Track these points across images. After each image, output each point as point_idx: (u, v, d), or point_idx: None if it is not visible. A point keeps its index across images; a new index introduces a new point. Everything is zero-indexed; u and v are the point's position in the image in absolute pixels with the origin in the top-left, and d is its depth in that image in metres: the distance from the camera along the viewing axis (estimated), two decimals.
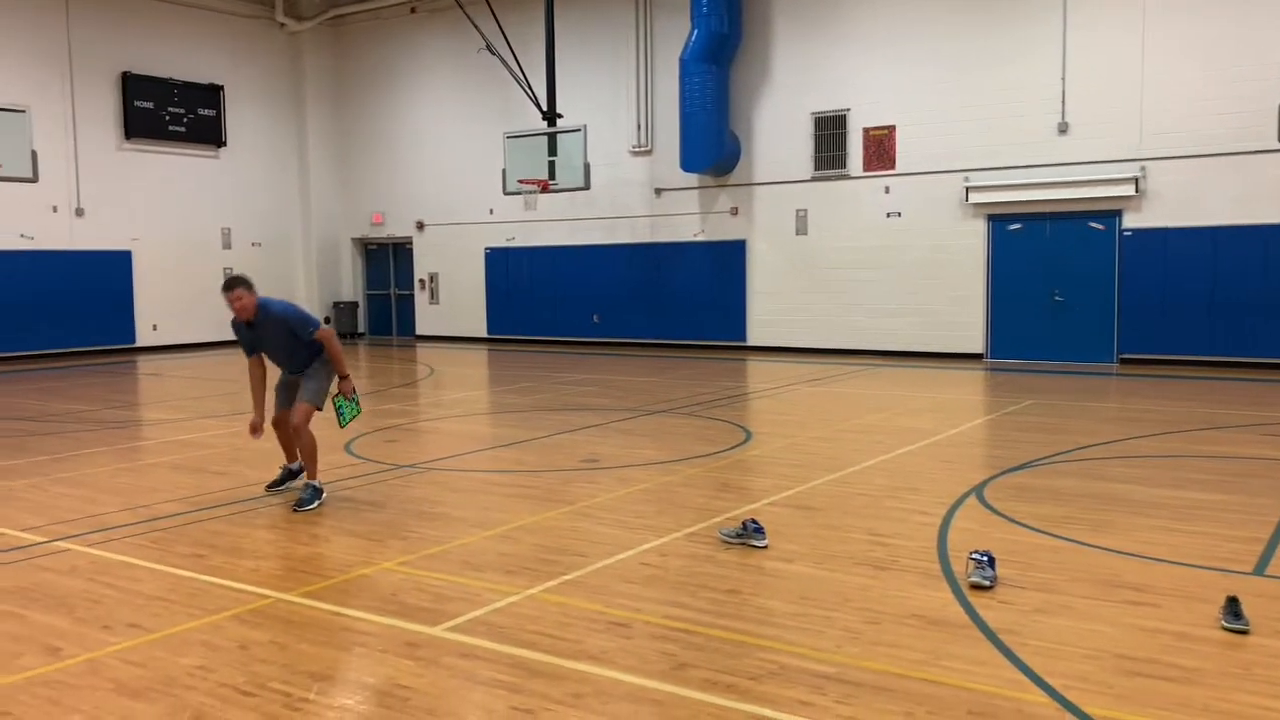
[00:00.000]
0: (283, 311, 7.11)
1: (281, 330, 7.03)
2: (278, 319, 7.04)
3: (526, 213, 20.03)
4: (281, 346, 7.13)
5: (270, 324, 7.03)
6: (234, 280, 7.01)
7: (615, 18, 19.97)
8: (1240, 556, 5.49)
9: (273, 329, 7.04)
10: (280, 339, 7.08)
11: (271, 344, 7.14)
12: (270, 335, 7.07)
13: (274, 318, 7.04)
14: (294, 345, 7.08)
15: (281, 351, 7.17)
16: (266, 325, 7.03)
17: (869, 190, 17.57)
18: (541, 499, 7.15)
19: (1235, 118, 14.32)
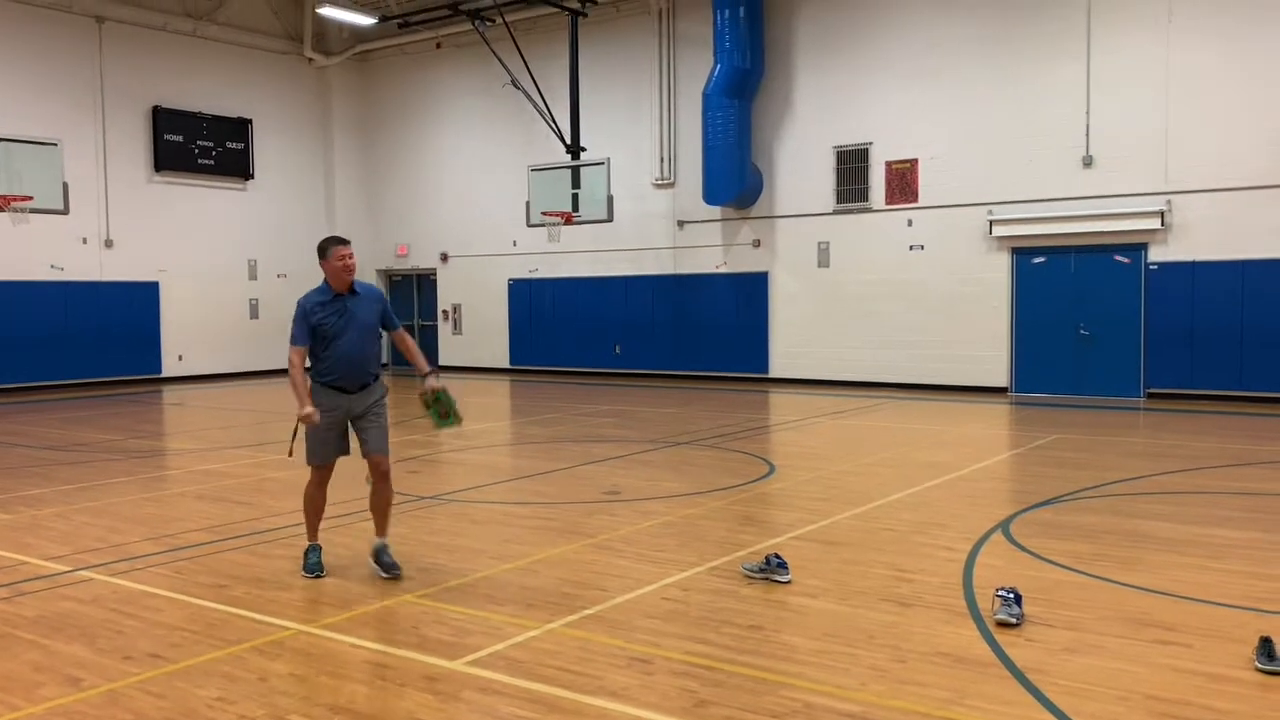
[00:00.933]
0: (377, 291, 6.22)
1: (374, 313, 6.03)
2: (376, 296, 6.13)
3: (550, 244, 20.15)
4: (365, 336, 5.96)
5: (368, 300, 6.02)
6: (341, 238, 6.08)
7: (638, 52, 20.14)
8: (1274, 596, 5.39)
9: (367, 308, 5.99)
10: (369, 324, 5.99)
11: (356, 329, 5.91)
12: (361, 317, 5.94)
13: (373, 294, 6.10)
14: (373, 339, 6.01)
15: (358, 345, 5.92)
16: (362, 303, 5.98)
17: (891, 223, 17.56)
18: (562, 531, 7.12)
19: (1264, 150, 14.24)
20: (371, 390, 6.01)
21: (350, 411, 5.95)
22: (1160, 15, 15.00)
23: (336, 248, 5.92)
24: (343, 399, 5.91)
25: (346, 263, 5.91)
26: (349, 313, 5.90)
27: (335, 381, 5.89)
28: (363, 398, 5.95)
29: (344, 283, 5.93)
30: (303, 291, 6.11)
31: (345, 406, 5.93)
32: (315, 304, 5.90)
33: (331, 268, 5.91)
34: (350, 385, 5.91)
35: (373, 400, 6.00)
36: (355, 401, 5.94)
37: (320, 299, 5.91)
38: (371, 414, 5.97)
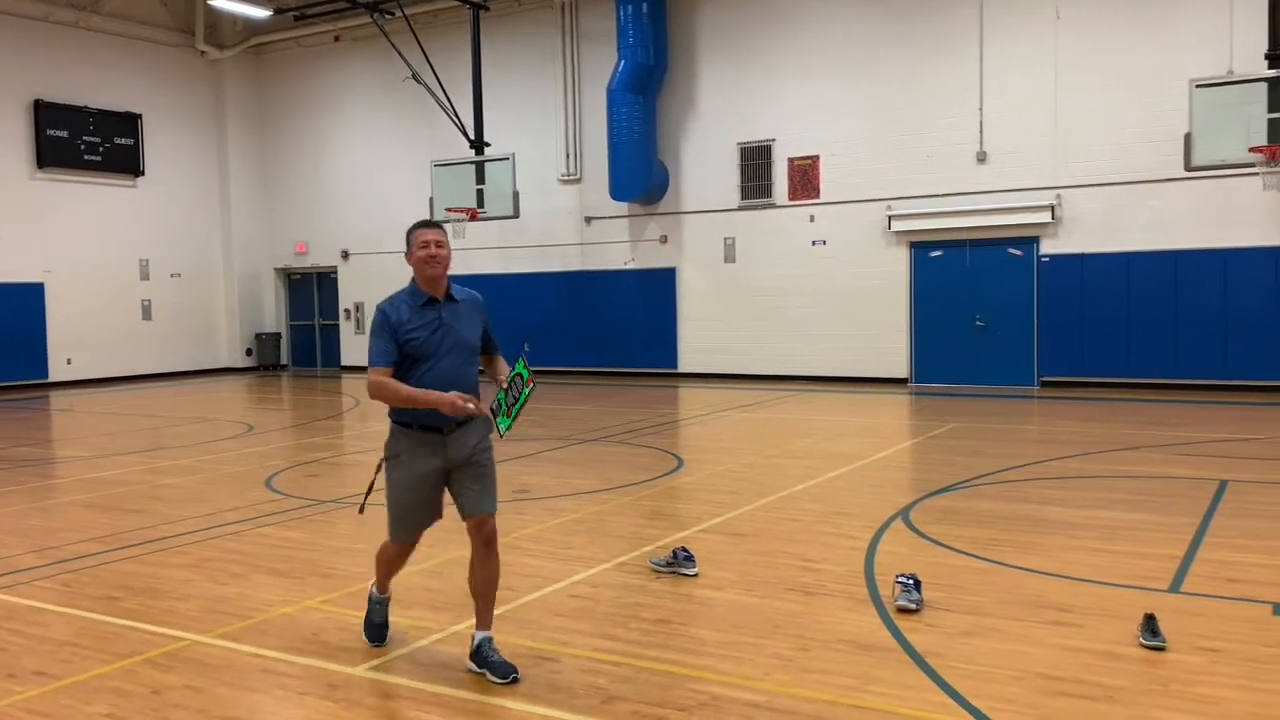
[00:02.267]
0: (478, 297, 4.64)
1: (476, 326, 4.53)
2: (477, 304, 4.58)
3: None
4: (466, 358, 4.47)
5: (469, 310, 4.51)
6: (430, 220, 4.61)
7: (542, 47, 20.03)
8: (1158, 574, 5.62)
9: (469, 320, 4.49)
10: (469, 343, 4.48)
11: (455, 350, 4.42)
12: (461, 332, 4.43)
13: (474, 302, 4.57)
14: (473, 362, 4.51)
15: (458, 370, 4.40)
16: (462, 313, 4.47)
17: (794, 219, 17.81)
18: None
19: (1146, 146, 14.82)
20: (471, 429, 4.41)
21: (449, 461, 4.38)
22: (1048, 14, 15.50)
23: (419, 232, 4.39)
24: (436, 444, 4.36)
25: (432, 252, 4.32)
26: (445, 326, 4.35)
27: (422, 422, 4.34)
28: (461, 440, 4.38)
29: (435, 284, 4.38)
30: (196, 292, 5.65)
31: (439, 458, 4.36)
32: (400, 311, 4.33)
33: (415, 261, 4.37)
34: (443, 424, 4.33)
35: (474, 442, 4.42)
36: (453, 446, 4.37)
37: (407, 303, 4.36)
38: (475, 462, 4.42)
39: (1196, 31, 14.42)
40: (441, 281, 4.41)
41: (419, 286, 4.41)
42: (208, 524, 7.44)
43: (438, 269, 4.38)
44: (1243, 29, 13.87)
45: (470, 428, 4.41)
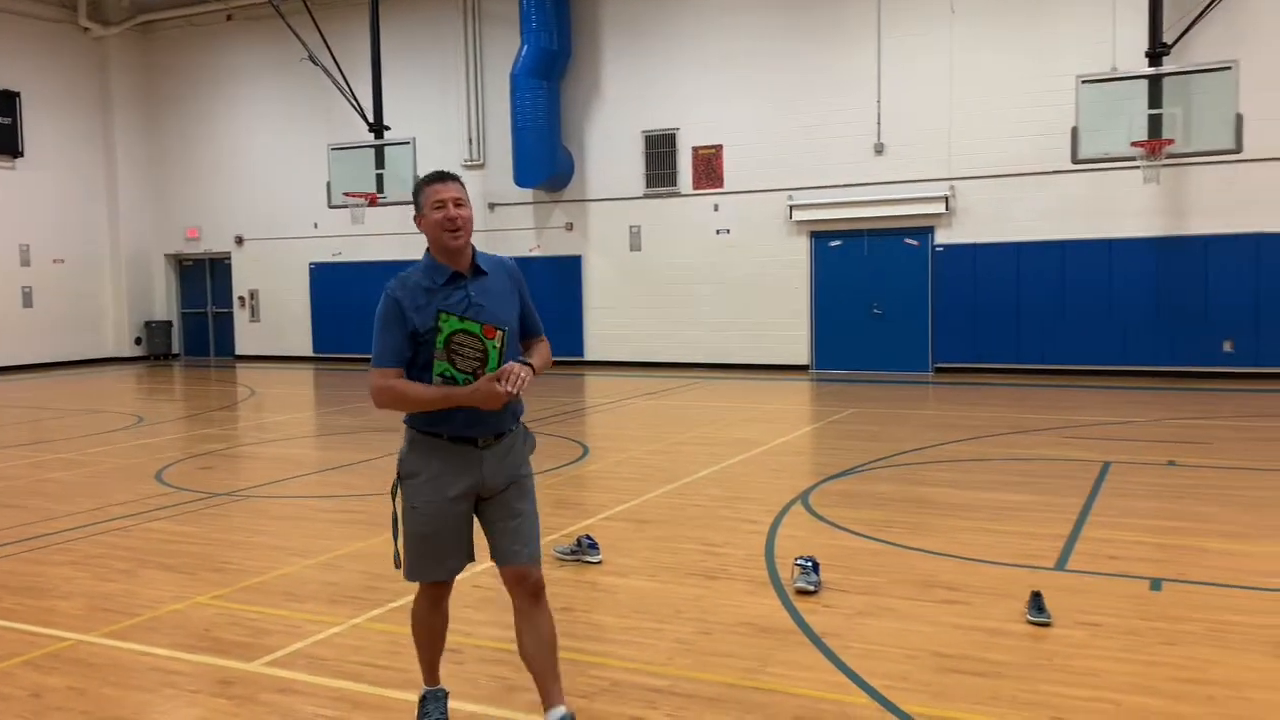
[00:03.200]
0: (511, 264, 3.65)
1: (511, 302, 3.54)
2: (511, 272, 3.60)
3: (354, 227, 19.47)
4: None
5: (501, 282, 3.53)
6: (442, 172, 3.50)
7: (443, 30, 19.72)
8: (1044, 553, 5.83)
9: (501, 295, 3.50)
10: (506, 320, 3.45)
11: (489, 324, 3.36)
12: (494, 311, 3.41)
13: (506, 270, 3.58)
14: (512, 350, 3.43)
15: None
16: (492, 287, 3.49)
17: (699, 208, 17.92)
18: (370, 524, 6.92)
19: (1036, 140, 15.31)
20: (510, 445, 3.50)
21: (482, 484, 3.44)
22: (943, 9, 15.88)
23: (430, 188, 3.41)
24: (469, 460, 3.41)
25: (450, 213, 3.36)
26: (475, 308, 3.38)
27: (454, 431, 3.39)
28: (499, 458, 3.45)
29: (457, 255, 3.42)
30: (81, 279, 5.13)
31: (472, 477, 3.42)
32: (414, 294, 3.38)
33: (428, 226, 3.41)
34: (480, 435, 3.41)
35: (515, 464, 3.51)
36: (489, 466, 3.43)
37: (423, 283, 3.41)
38: (515, 492, 3.50)
39: (1082, 30, 14.94)
40: (465, 251, 3.43)
41: (435, 259, 3.44)
42: (93, 519, 7.16)
43: (459, 238, 3.38)
44: (1125, 28, 14.42)
45: (509, 444, 3.49)
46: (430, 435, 3.45)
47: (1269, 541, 5.98)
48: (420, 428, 3.47)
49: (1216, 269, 14.62)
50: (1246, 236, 14.37)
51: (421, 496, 3.45)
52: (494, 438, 3.46)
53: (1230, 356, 14.59)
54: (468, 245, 3.48)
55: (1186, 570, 5.45)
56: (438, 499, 3.43)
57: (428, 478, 3.45)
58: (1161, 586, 5.15)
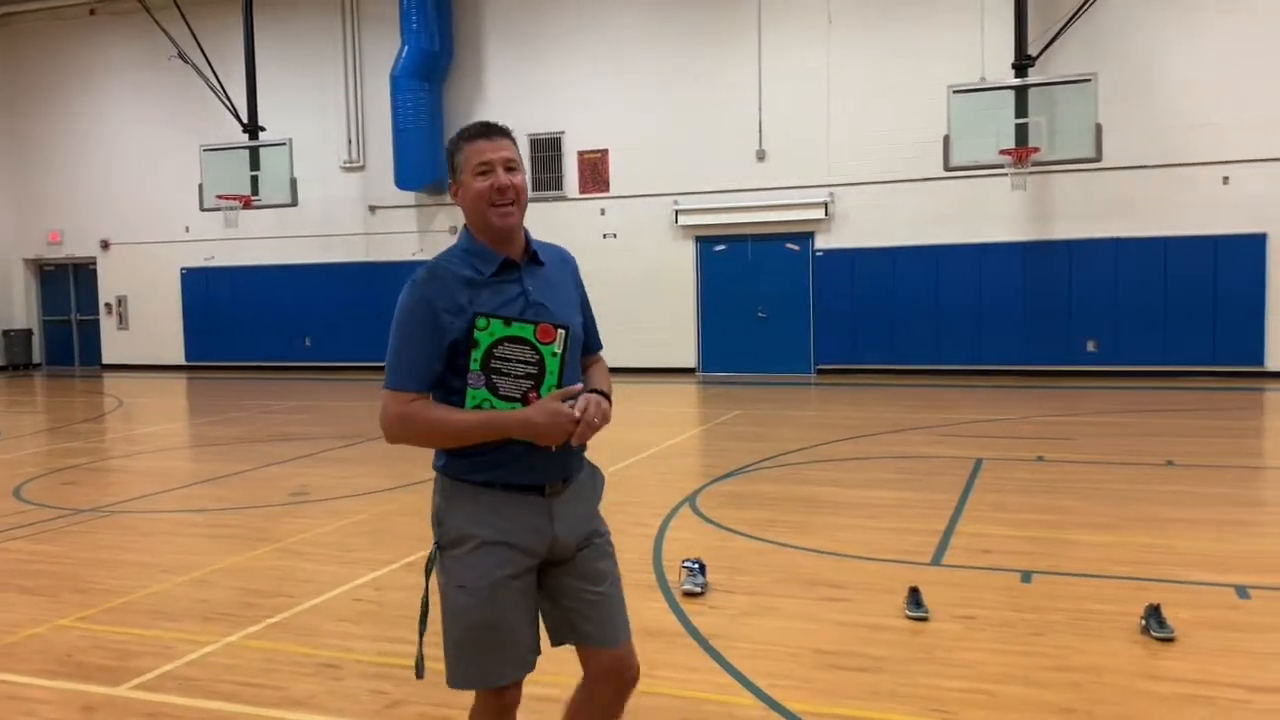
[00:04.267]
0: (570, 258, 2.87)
1: (572, 295, 2.78)
2: (573, 267, 2.85)
3: (227, 230, 18.84)
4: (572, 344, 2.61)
5: (560, 273, 2.76)
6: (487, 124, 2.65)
7: (321, 29, 19.26)
8: (921, 549, 5.99)
9: (561, 291, 2.72)
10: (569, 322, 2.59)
11: None
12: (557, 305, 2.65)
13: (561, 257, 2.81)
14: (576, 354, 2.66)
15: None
16: (550, 279, 2.70)
17: (585, 212, 17.92)
18: (244, 538, 6.69)
19: (910, 148, 15.78)
20: (581, 490, 2.70)
21: (553, 545, 2.59)
22: (821, 20, 16.25)
23: (472, 145, 2.58)
24: (533, 519, 2.56)
25: (500, 180, 2.54)
26: (531, 306, 2.58)
27: (512, 476, 2.53)
28: (569, 510, 2.62)
29: (507, 237, 2.59)
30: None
31: (541, 538, 2.56)
32: (452, 288, 2.51)
33: (470, 198, 2.57)
34: (547, 480, 2.58)
35: (588, 514, 2.71)
36: (563, 520, 2.60)
37: (463, 273, 2.55)
38: (593, 551, 2.68)
39: (953, 41, 15.48)
40: (518, 233, 2.60)
41: (477, 240, 2.59)
42: None
43: (512, 215, 2.54)
44: (993, 40, 15.00)
45: (583, 485, 2.69)
46: (478, 485, 2.52)
47: (1128, 532, 6.28)
48: (463, 474, 2.53)
49: (1080, 272, 15.33)
50: (1107, 241, 15.10)
51: (474, 572, 2.50)
52: (562, 482, 2.60)
53: (1093, 355, 15.31)
54: (521, 224, 2.60)
55: (1054, 562, 5.68)
56: (498, 573, 2.49)
57: (481, 543, 2.50)
58: (1031, 579, 5.35)
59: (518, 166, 2.61)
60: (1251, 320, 14.56)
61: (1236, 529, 6.41)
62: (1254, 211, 14.41)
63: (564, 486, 2.62)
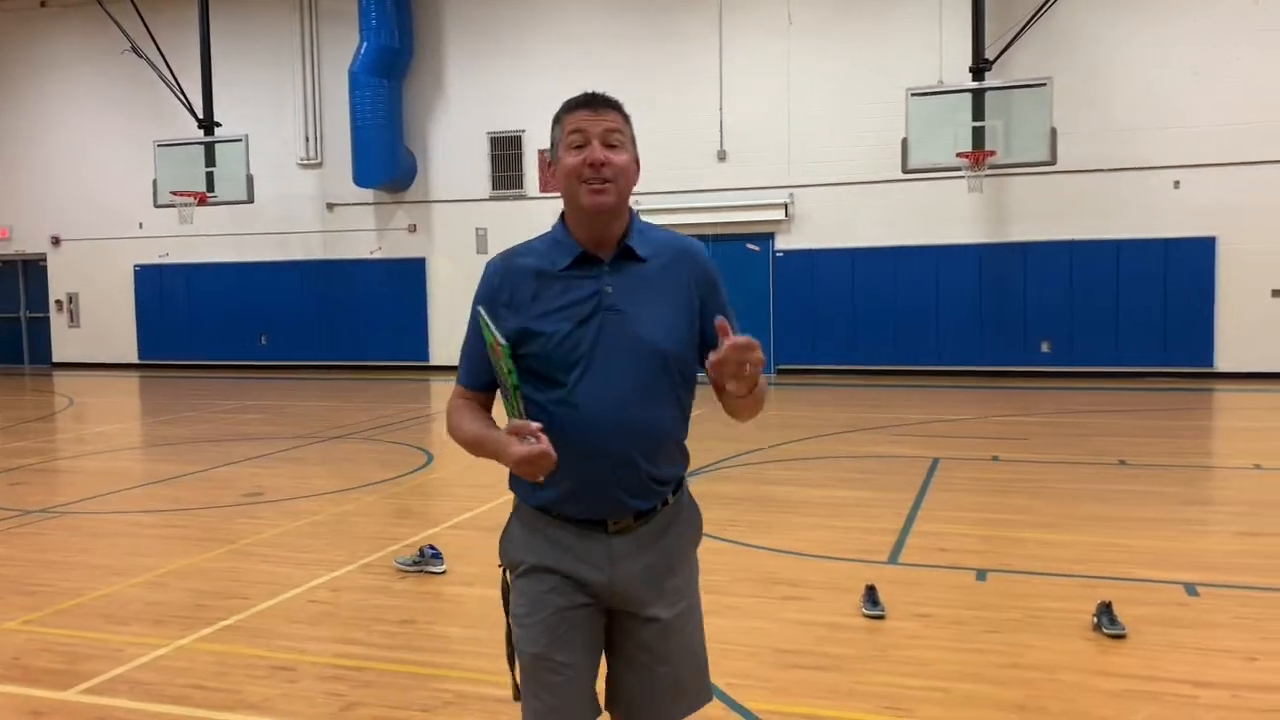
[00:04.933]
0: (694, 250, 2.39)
1: (679, 302, 2.29)
2: (694, 264, 2.35)
3: (182, 227, 18.57)
4: (648, 370, 2.22)
5: (668, 267, 2.30)
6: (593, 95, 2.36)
7: (279, 24, 19.03)
8: (879, 548, 6.04)
9: (663, 289, 2.27)
10: (653, 335, 2.22)
11: (626, 352, 2.20)
12: (643, 311, 2.22)
13: (690, 258, 2.35)
14: (665, 383, 2.26)
15: (631, 395, 2.20)
16: (649, 278, 2.26)
17: (547, 210, 17.84)
18: (198, 539, 6.59)
19: (869, 150, 15.88)
20: (658, 535, 2.30)
21: (611, 591, 2.27)
22: (781, 20, 16.33)
23: (570, 116, 2.30)
24: (588, 556, 2.25)
25: (594, 154, 2.21)
26: (608, 312, 2.22)
27: (564, 505, 2.24)
28: (639, 554, 2.26)
29: (597, 220, 2.25)
30: None
31: (595, 579, 2.25)
32: (518, 279, 2.26)
33: (562, 170, 2.26)
34: (609, 513, 2.24)
35: (668, 561, 2.32)
36: (625, 564, 2.25)
37: (537, 264, 2.28)
38: (667, 610, 2.30)
39: (912, 44, 15.62)
40: (609, 217, 2.24)
41: (566, 227, 2.30)
42: None
43: (606, 195, 2.20)
44: (951, 44, 15.15)
45: (666, 525, 2.30)
46: (535, 509, 2.27)
47: (1079, 531, 6.37)
48: (521, 495, 2.31)
49: (1035, 274, 15.53)
50: (1061, 243, 15.31)
51: (526, 601, 2.27)
52: (629, 519, 2.23)
53: (1047, 356, 15.51)
54: (621, 210, 2.24)
55: (1008, 560, 5.75)
56: (548, 604, 2.23)
57: (530, 568, 2.27)
58: (986, 577, 5.42)
59: (622, 144, 2.25)
60: (1201, 322, 14.84)
61: (1186, 527, 6.53)
62: (1204, 215, 14.67)
63: (635, 523, 2.24)
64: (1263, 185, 14.38)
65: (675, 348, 2.25)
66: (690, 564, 2.40)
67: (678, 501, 2.36)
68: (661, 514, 2.29)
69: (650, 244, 2.30)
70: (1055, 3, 14.31)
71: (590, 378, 2.17)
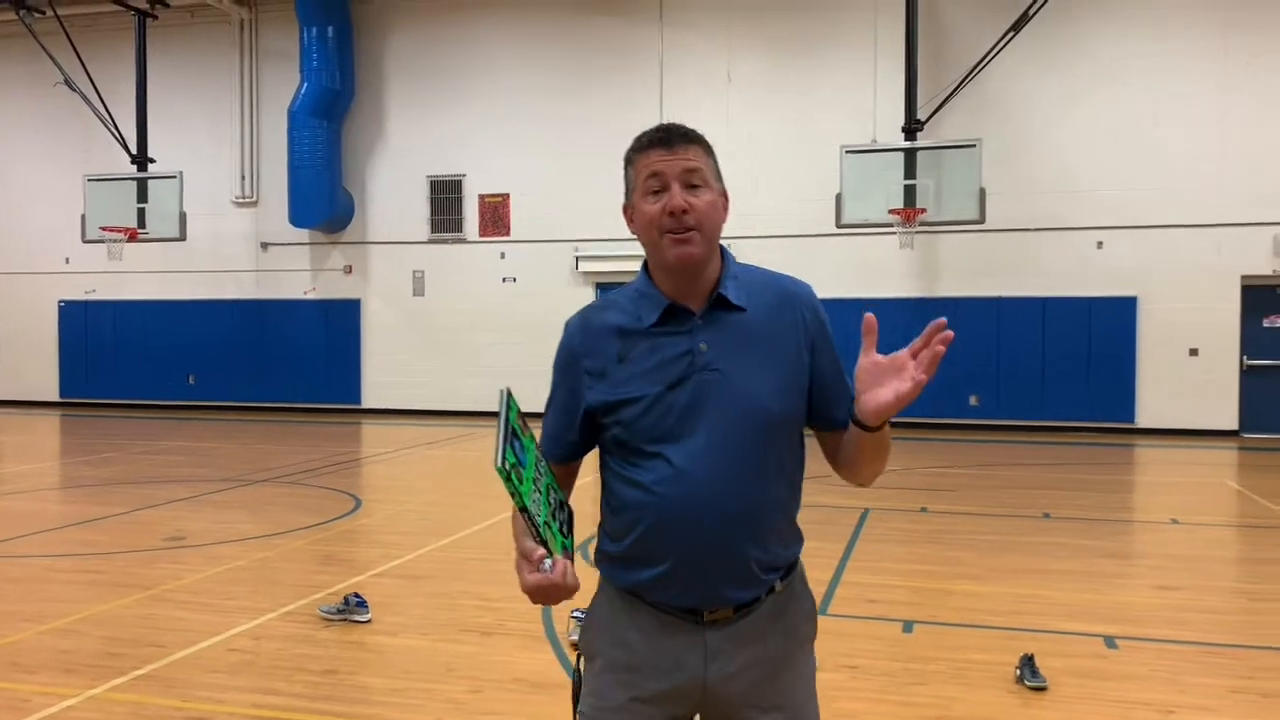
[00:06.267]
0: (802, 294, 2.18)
1: (785, 364, 2.04)
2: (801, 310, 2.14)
3: (111, 263, 18.20)
4: (750, 434, 1.96)
5: (769, 316, 2.06)
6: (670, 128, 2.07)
7: (217, 62, 18.88)
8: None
9: (767, 340, 2.03)
10: (759, 393, 1.97)
11: (729, 405, 1.94)
12: (743, 369, 1.97)
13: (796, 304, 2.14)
14: (771, 451, 2.01)
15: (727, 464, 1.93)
16: (750, 327, 2.02)
17: (485, 255, 17.85)
18: (114, 585, 6.39)
19: (806, 205, 16.18)
20: (764, 627, 1.99)
21: (704, 692, 1.97)
22: (721, 76, 16.64)
23: (644, 157, 2.05)
24: (677, 649, 1.97)
25: (674, 201, 1.96)
26: (704, 373, 1.96)
27: (649, 587, 1.99)
28: (739, 650, 1.97)
29: (681, 270, 2.01)
30: None
31: (684, 676, 1.97)
32: (600, 339, 2.07)
33: (641, 220, 2.04)
34: (704, 599, 1.96)
35: (777, 657, 2.01)
36: (722, 660, 1.96)
37: (619, 321, 2.06)
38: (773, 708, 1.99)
39: (847, 103, 16.01)
40: (703, 269, 2.02)
41: (651, 279, 2.07)
42: None
43: (691, 245, 1.97)
44: (885, 104, 15.56)
45: (774, 617, 2.00)
46: (621, 590, 2.03)
47: (1005, 583, 6.47)
48: (606, 571, 2.08)
49: (964, 329, 15.85)
50: (989, 300, 15.70)
51: (593, 697, 2.02)
52: (733, 609, 1.96)
53: (975, 409, 15.82)
54: (711, 257, 2.01)
55: (935, 612, 5.81)
56: (614, 705, 1.98)
57: (607, 668, 2.01)
58: (913, 628, 5.47)
59: (705, 183, 1.99)
60: (1123, 379, 15.27)
61: (1106, 580, 6.67)
62: (1125, 276, 15.17)
63: (735, 614, 1.95)
64: (1180, 248, 14.94)
65: (784, 409, 1.97)
66: (801, 664, 2.04)
67: (788, 589, 2.03)
68: (767, 603, 1.98)
69: (748, 289, 2.04)
70: (985, 67, 14.79)
71: (685, 448, 1.91)
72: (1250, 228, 14.76)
